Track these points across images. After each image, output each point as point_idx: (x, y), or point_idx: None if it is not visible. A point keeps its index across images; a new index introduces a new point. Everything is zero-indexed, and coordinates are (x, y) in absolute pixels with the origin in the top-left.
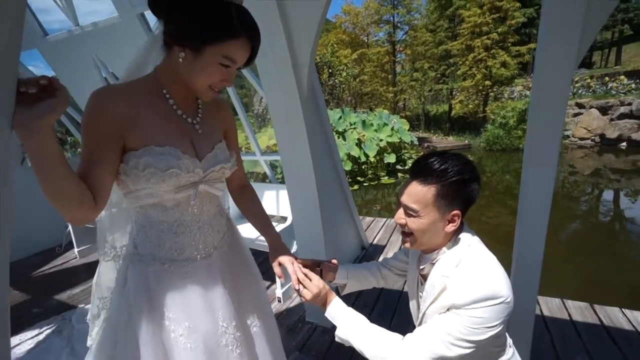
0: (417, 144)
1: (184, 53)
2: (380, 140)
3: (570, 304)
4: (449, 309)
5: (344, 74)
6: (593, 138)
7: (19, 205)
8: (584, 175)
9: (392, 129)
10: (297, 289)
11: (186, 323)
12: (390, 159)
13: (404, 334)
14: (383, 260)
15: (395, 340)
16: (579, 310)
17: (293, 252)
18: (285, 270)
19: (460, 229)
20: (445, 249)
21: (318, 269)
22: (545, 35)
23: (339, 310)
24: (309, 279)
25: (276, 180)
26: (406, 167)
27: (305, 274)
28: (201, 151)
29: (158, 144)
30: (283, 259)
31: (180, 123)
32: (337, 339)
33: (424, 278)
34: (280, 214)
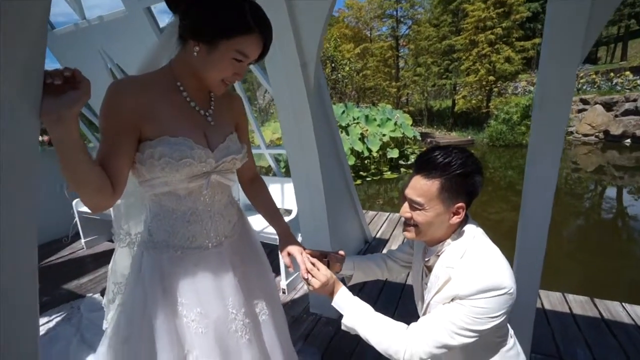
0: (420, 139)
1: (198, 47)
2: (383, 135)
3: (571, 297)
4: (453, 299)
5: (347, 68)
6: (597, 134)
7: None
8: (587, 172)
9: (395, 124)
10: (306, 278)
11: (198, 309)
12: (393, 154)
13: (409, 325)
14: (388, 252)
15: (400, 329)
16: (579, 304)
17: None
18: (294, 260)
19: (465, 221)
20: (450, 240)
21: (325, 260)
22: (550, 30)
23: (345, 300)
24: (317, 268)
25: (281, 174)
26: (409, 162)
27: (314, 264)
28: (213, 142)
29: (172, 134)
30: (292, 249)
31: (193, 115)
32: (344, 327)
33: (429, 269)
34: (285, 206)
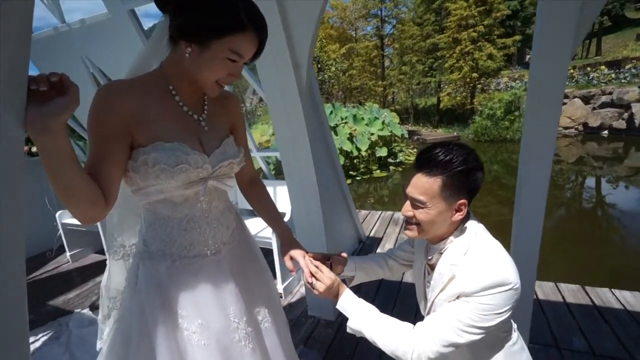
0: (407, 137)
1: (190, 48)
2: (372, 134)
3: (563, 286)
4: (458, 297)
5: (333, 68)
6: (576, 127)
7: None
8: (569, 164)
9: (383, 123)
10: (310, 282)
11: (199, 320)
12: (382, 152)
13: (414, 324)
14: (388, 251)
15: (406, 330)
16: (572, 293)
17: None
18: (296, 264)
19: (466, 218)
20: (452, 237)
21: (328, 263)
22: (542, 27)
23: (350, 302)
24: (321, 271)
25: (272, 176)
26: (397, 160)
27: (317, 267)
28: (209, 147)
29: (166, 139)
30: (295, 252)
31: (186, 120)
32: (349, 330)
33: (432, 267)
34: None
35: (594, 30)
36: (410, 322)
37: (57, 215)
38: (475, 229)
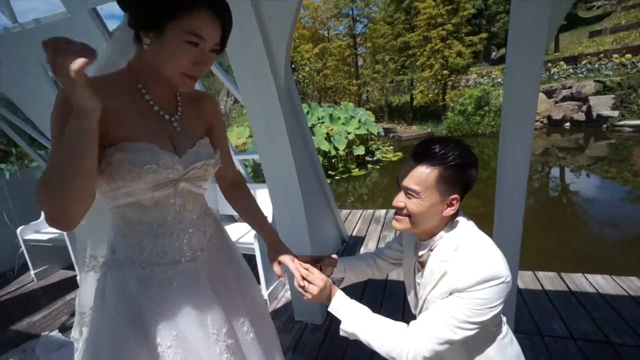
0: (383, 134)
1: (148, 39)
2: (349, 133)
3: (541, 274)
4: (451, 294)
5: (307, 68)
6: (541, 120)
7: None
8: (536, 155)
9: (359, 121)
10: (302, 285)
11: (174, 332)
12: (359, 151)
13: (408, 324)
14: (377, 250)
15: (400, 329)
16: (549, 280)
17: None
18: (285, 269)
19: (456, 214)
20: (442, 233)
21: (318, 265)
22: (515, 26)
23: (343, 304)
24: (312, 274)
25: (251, 180)
26: (375, 158)
27: (307, 269)
28: (181, 148)
29: (133, 139)
30: (283, 257)
31: (157, 120)
32: (342, 333)
33: (422, 265)
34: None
35: None
36: (398, 320)
37: (18, 231)
38: (465, 224)
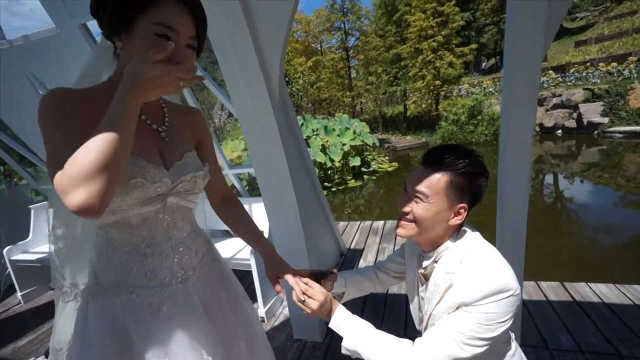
0: (379, 145)
1: (121, 42)
2: (344, 144)
3: (544, 284)
4: (458, 308)
5: (301, 81)
6: (534, 128)
7: None
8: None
9: (354, 133)
10: (303, 300)
11: None
12: (355, 162)
13: (413, 341)
14: (378, 264)
15: (405, 347)
16: (552, 290)
17: None
18: (284, 284)
19: (462, 225)
20: (448, 243)
21: (317, 280)
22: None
23: (344, 320)
24: (312, 288)
25: (247, 193)
26: (370, 169)
27: (307, 284)
28: (169, 160)
29: None
30: (282, 272)
31: (144, 130)
32: (344, 351)
33: (425, 278)
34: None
35: None
36: (400, 334)
37: (5, 251)
38: (471, 235)
